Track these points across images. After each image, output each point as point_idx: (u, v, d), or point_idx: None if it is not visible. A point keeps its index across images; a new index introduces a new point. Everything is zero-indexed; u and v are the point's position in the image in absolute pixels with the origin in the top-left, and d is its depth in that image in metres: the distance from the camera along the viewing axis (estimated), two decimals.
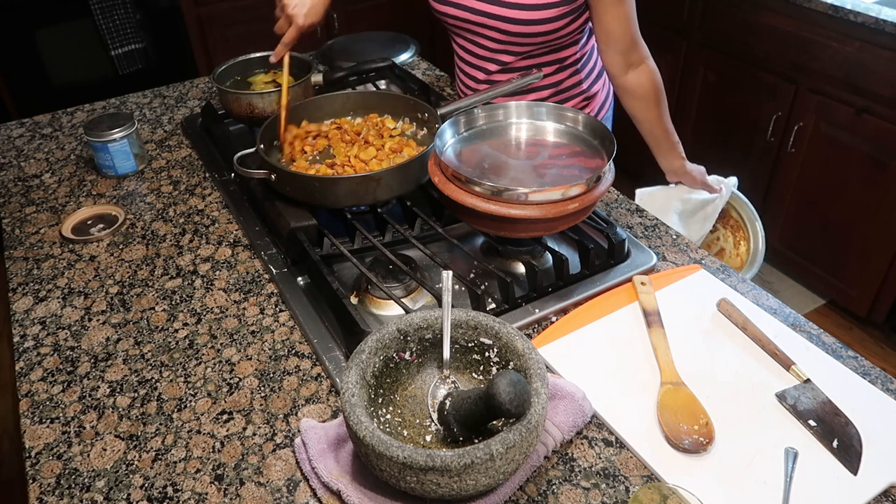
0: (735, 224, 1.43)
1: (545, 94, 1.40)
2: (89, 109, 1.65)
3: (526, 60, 1.34)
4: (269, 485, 0.79)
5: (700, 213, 1.40)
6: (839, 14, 2.00)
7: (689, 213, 1.39)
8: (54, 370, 0.95)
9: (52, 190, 1.35)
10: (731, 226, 1.44)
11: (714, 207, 1.38)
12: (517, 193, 0.94)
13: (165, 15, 2.75)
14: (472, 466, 0.66)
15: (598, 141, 1.08)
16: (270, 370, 0.93)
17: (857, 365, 0.91)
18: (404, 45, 1.78)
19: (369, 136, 1.21)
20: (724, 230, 1.45)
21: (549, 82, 1.38)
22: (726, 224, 1.45)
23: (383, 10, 3.23)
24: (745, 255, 1.39)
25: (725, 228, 1.45)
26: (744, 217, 1.42)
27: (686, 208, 1.39)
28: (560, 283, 1.04)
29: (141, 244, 1.18)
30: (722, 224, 1.45)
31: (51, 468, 0.82)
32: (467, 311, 0.83)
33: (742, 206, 1.42)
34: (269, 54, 1.49)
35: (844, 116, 2.10)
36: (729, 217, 1.44)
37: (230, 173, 1.34)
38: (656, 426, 0.83)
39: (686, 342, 0.94)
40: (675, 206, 1.38)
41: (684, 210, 1.39)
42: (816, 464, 0.78)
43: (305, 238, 1.06)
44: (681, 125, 2.67)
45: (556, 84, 1.39)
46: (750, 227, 1.41)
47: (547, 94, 1.40)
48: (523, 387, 0.68)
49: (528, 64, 1.35)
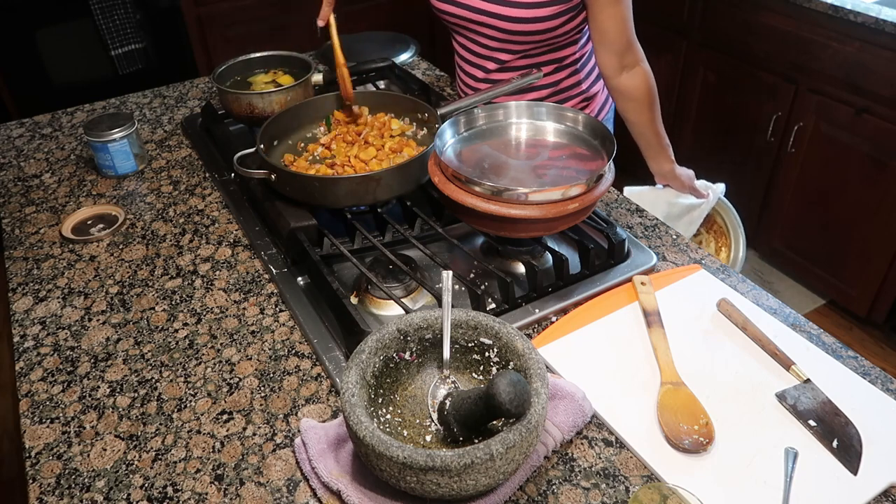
0: (719, 230, 1.44)
1: (544, 93, 1.40)
2: (89, 109, 1.65)
3: (524, 59, 1.34)
4: (269, 485, 0.79)
5: (686, 217, 1.41)
6: (839, 14, 2.00)
7: (675, 216, 1.41)
8: (54, 370, 0.95)
9: (52, 190, 1.35)
10: (715, 231, 1.45)
11: (700, 212, 1.39)
12: (517, 193, 0.94)
13: (165, 15, 2.75)
14: (472, 466, 0.66)
15: (598, 141, 1.08)
16: (270, 370, 0.93)
17: (857, 365, 0.91)
18: (404, 45, 1.78)
19: (369, 136, 1.22)
20: (707, 235, 1.46)
21: (548, 82, 1.38)
22: (710, 229, 1.46)
23: (383, 10, 3.23)
24: (724, 262, 1.40)
25: (709, 233, 1.46)
26: (728, 224, 1.42)
27: (672, 211, 1.40)
28: (560, 283, 1.04)
29: (141, 244, 1.18)
30: (706, 229, 1.46)
31: (51, 468, 0.82)
32: (467, 311, 0.83)
33: (727, 214, 1.43)
34: (270, 54, 1.50)
35: (844, 116, 2.10)
36: (713, 222, 1.45)
37: (230, 173, 1.34)
38: (656, 426, 0.83)
39: (686, 342, 0.94)
40: (662, 208, 1.39)
41: (670, 213, 1.40)
42: (816, 464, 0.78)
43: (305, 238, 1.06)
44: (681, 125, 2.69)
45: (554, 84, 1.39)
46: (732, 235, 1.42)
47: (546, 94, 1.40)
48: (523, 387, 0.68)
49: (527, 63, 1.35)
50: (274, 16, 2.95)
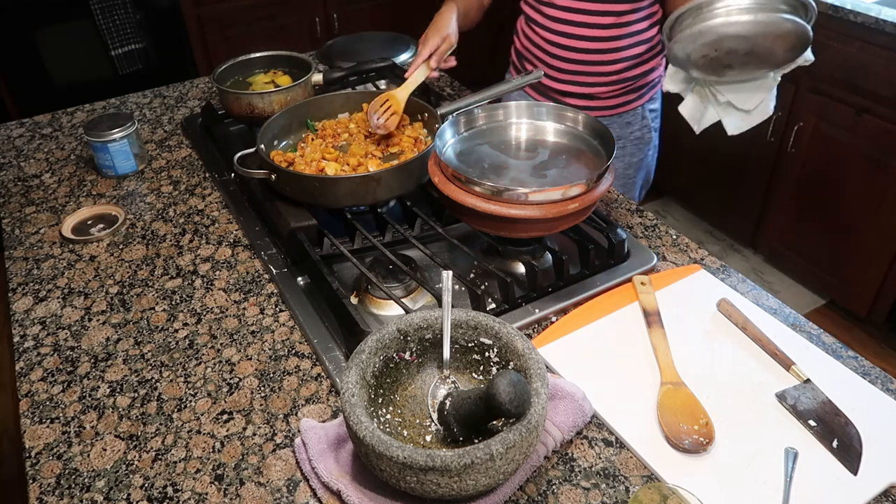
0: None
1: (641, 49, 1.39)
2: (89, 109, 1.65)
3: (634, 13, 1.33)
4: (269, 485, 0.79)
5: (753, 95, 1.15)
6: (839, 14, 2.00)
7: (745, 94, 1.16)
8: (54, 370, 0.95)
9: (52, 190, 1.35)
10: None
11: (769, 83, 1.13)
12: (517, 193, 0.94)
13: (165, 15, 2.75)
14: (472, 466, 0.66)
15: (598, 141, 1.08)
16: (270, 370, 0.93)
17: (857, 365, 0.91)
18: (404, 45, 1.78)
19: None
20: None
21: (645, 38, 1.38)
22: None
23: (383, 10, 3.23)
24: None
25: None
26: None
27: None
28: (560, 283, 1.04)
29: (141, 244, 1.18)
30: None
31: (51, 468, 0.82)
32: (467, 311, 0.83)
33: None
34: (270, 54, 1.50)
35: (844, 116, 2.10)
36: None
37: (230, 173, 1.34)
38: (656, 426, 0.83)
39: (686, 342, 0.94)
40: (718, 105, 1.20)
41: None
42: (816, 464, 0.78)
43: (305, 238, 1.06)
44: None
45: (649, 40, 1.39)
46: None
47: (643, 50, 1.39)
48: (523, 387, 0.68)
49: (636, 18, 1.34)
50: (274, 16, 2.95)
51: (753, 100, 1.17)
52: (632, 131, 1.51)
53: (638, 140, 1.53)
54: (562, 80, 1.44)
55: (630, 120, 1.50)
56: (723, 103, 1.19)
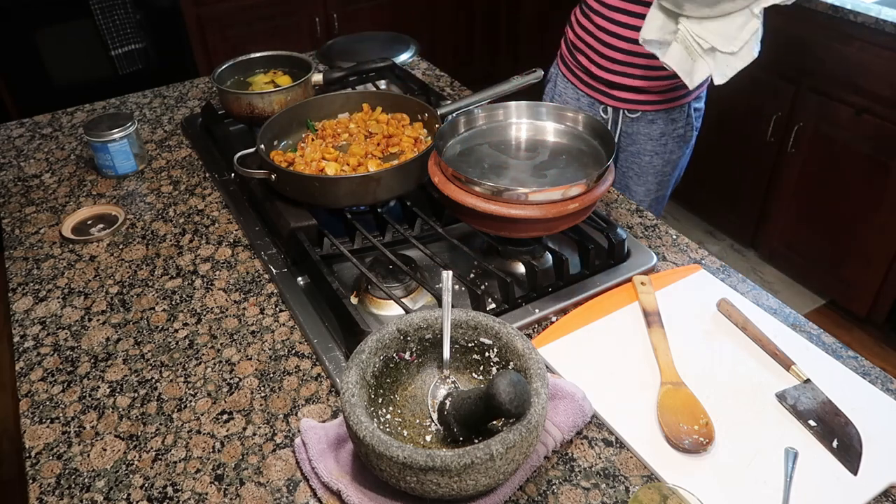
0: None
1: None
2: (89, 109, 1.65)
3: None
4: (269, 485, 0.79)
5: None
6: (839, 14, 2.00)
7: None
8: (54, 370, 0.95)
9: (52, 190, 1.35)
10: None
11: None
12: (517, 193, 0.94)
13: (165, 15, 2.75)
14: (472, 466, 0.66)
15: (598, 141, 1.08)
16: (270, 370, 0.93)
17: (857, 365, 0.91)
18: (404, 45, 1.78)
19: (390, 129, 1.22)
20: None
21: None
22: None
23: (383, 10, 3.22)
24: None
25: None
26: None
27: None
28: (560, 283, 1.04)
29: (141, 244, 1.18)
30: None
31: (51, 468, 0.82)
32: (467, 311, 0.83)
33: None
34: (269, 54, 1.50)
35: (844, 116, 2.10)
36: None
37: (230, 173, 1.34)
38: (656, 426, 0.83)
39: (686, 342, 0.94)
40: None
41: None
42: (816, 464, 0.78)
43: (305, 238, 1.06)
44: None
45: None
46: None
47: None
48: (523, 387, 0.68)
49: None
50: (274, 16, 2.95)
51: (737, 41, 1.14)
52: (675, 128, 1.51)
53: (680, 138, 1.53)
54: (613, 70, 1.44)
55: (675, 116, 1.50)
56: (707, 49, 1.16)
